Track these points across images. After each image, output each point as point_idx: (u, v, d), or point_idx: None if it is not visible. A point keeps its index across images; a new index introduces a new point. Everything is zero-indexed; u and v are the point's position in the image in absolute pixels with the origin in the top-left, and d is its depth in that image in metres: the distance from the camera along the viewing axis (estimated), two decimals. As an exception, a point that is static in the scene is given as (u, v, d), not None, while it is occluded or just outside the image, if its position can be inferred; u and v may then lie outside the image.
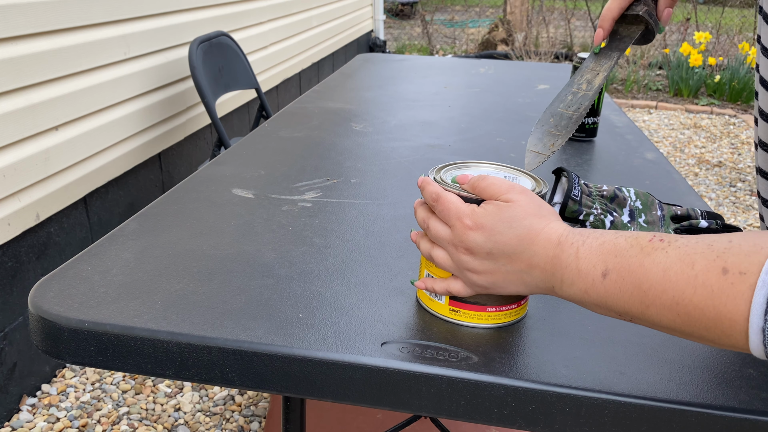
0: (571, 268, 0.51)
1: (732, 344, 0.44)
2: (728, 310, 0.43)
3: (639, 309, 0.48)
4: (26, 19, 1.57)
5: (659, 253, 0.47)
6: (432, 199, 0.58)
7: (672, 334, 0.48)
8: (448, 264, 0.59)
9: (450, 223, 0.57)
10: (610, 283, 0.49)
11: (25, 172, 1.59)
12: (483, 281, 0.57)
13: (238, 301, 0.65)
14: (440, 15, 10.58)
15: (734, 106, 5.03)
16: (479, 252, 0.55)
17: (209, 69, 2.20)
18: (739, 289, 0.42)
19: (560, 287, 0.52)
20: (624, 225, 0.77)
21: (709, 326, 0.44)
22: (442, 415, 0.58)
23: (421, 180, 0.61)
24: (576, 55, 1.44)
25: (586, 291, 0.51)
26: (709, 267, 0.44)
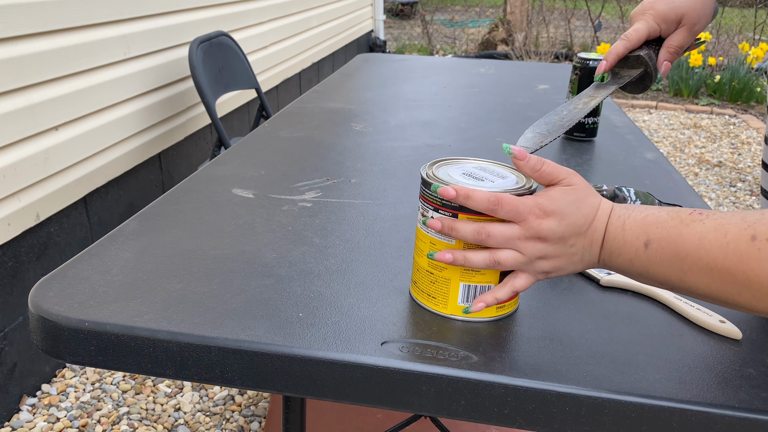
0: (618, 240, 0.56)
1: (763, 309, 0.48)
2: (756, 273, 0.47)
3: (678, 276, 0.52)
4: (26, 19, 1.57)
5: (697, 224, 0.51)
6: (492, 203, 0.57)
7: (712, 301, 0.52)
8: (519, 261, 0.59)
9: (521, 219, 0.58)
10: (651, 252, 0.53)
11: (25, 172, 1.59)
12: (550, 266, 0.59)
13: (238, 300, 0.65)
14: (440, 15, 10.58)
15: (734, 106, 5.03)
16: (552, 237, 0.57)
17: (209, 69, 2.20)
18: (765, 254, 0.47)
19: (610, 259, 0.57)
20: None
21: (741, 290, 0.49)
22: (442, 415, 0.58)
23: (456, 192, 0.58)
24: (576, 55, 1.44)
25: (631, 261, 0.55)
26: (740, 235, 0.48)
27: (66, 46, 1.72)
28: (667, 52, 0.85)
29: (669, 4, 0.84)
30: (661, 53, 0.85)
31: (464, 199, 0.58)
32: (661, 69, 0.85)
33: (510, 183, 0.63)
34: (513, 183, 0.63)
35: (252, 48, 3.00)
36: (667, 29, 0.85)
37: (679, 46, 0.85)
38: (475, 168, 0.66)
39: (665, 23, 0.84)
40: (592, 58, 1.27)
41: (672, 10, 0.83)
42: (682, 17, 0.83)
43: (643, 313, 0.67)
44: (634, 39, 0.85)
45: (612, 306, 0.68)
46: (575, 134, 1.32)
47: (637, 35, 0.84)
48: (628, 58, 0.86)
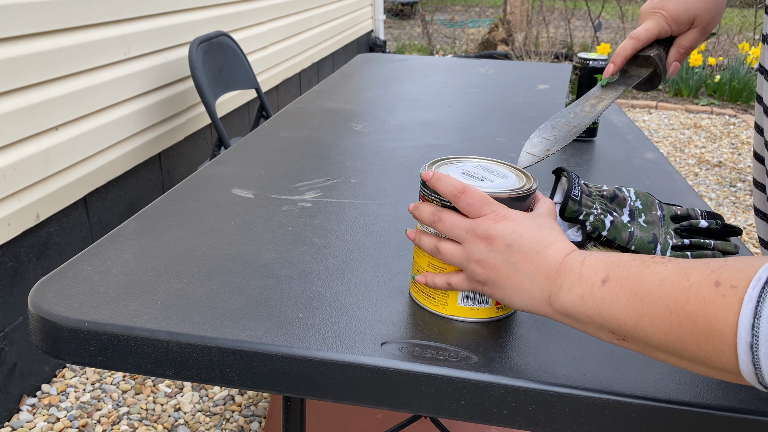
0: (574, 273, 0.52)
1: (723, 366, 0.44)
2: (718, 321, 0.43)
3: (633, 320, 0.48)
4: (26, 19, 1.57)
5: (658, 266, 0.48)
6: (458, 190, 0.58)
7: (664, 358, 0.48)
8: (457, 255, 0.59)
9: (478, 214, 0.58)
10: (607, 290, 0.49)
11: (25, 172, 1.59)
12: (485, 276, 0.57)
13: (238, 301, 0.65)
14: (440, 15, 10.58)
15: (734, 106, 5.03)
16: (499, 243, 0.56)
17: (209, 69, 2.20)
18: (729, 301, 0.42)
19: (558, 294, 0.53)
20: (624, 225, 0.77)
21: (700, 341, 0.44)
22: (442, 415, 0.58)
23: (432, 173, 0.60)
24: (576, 55, 1.44)
25: (582, 297, 0.51)
26: (703, 279, 0.45)
27: (66, 46, 1.72)
28: (677, 52, 0.83)
29: (682, 4, 0.81)
30: (671, 53, 0.83)
31: (435, 181, 0.60)
32: (669, 69, 0.83)
33: (510, 183, 0.63)
34: (513, 183, 0.63)
35: (252, 48, 3.00)
36: (678, 30, 0.82)
37: (690, 46, 0.82)
38: (475, 167, 0.66)
39: (677, 24, 0.82)
40: (592, 58, 1.27)
41: (686, 12, 0.81)
42: (695, 18, 0.81)
43: (643, 314, 0.67)
44: (644, 39, 0.82)
45: (612, 306, 0.68)
46: (575, 134, 1.32)
47: (648, 35, 0.82)
48: (638, 57, 0.84)
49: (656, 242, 0.76)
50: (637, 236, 0.76)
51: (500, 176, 0.64)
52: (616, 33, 7.70)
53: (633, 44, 0.82)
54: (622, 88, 0.83)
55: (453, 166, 0.66)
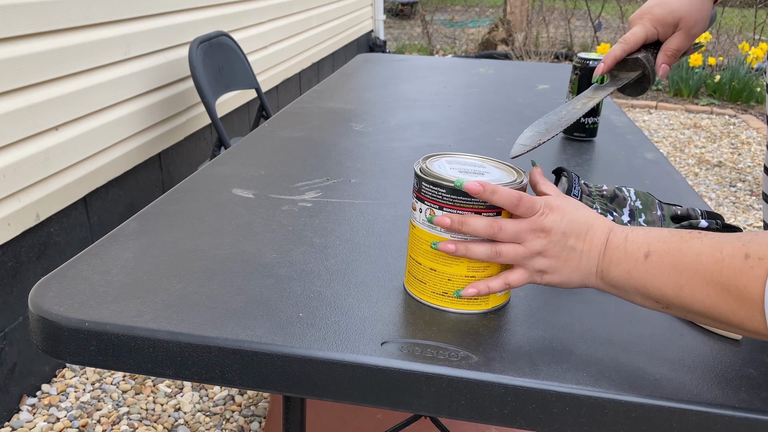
0: (620, 249, 0.57)
1: (755, 328, 0.49)
2: (748, 291, 0.48)
3: (674, 290, 0.53)
4: (26, 19, 1.57)
5: (695, 241, 0.53)
6: (516, 199, 0.60)
7: (706, 320, 0.53)
8: (520, 253, 0.61)
9: (534, 211, 0.61)
10: (650, 264, 0.55)
11: (25, 172, 1.59)
12: (546, 264, 0.61)
13: (238, 300, 0.65)
14: (440, 15, 10.58)
15: (734, 106, 5.03)
16: (555, 232, 0.60)
17: (209, 69, 2.20)
18: (758, 272, 0.48)
19: (607, 269, 0.58)
20: (624, 225, 0.77)
21: (734, 308, 0.50)
22: (442, 415, 0.58)
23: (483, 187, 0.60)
24: (576, 55, 1.44)
25: (629, 271, 0.56)
26: (734, 252, 0.50)
27: (66, 46, 1.72)
28: (665, 55, 0.86)
29: (666, 8, 0.85)
30: (659, 56, 0.86)
31: (490, 194, 0.60)
32: (659, 72, 0.86)
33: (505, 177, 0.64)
34: (507, 177, 0.64)
35: (252, 48, 3.00)
36: (664, 33, 0.86)
37: (676, 49, 0.86)
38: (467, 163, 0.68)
39: (662, 27, 0.86)
40: (592, 58, 1.27)
41: (669, 14, 0.85)
42: (679, 21, 0.85)
43: (643, 313, 0.67)
44: (632, 42, 0.86)
45: (612, 306, 0.68)
46: (575, 134, 1.32)
47: (635, 38, 0.86)
48: (627, 60, 0.88)
49: (656, 242, 0.76)
50: (637, 236, 0.76)
51: (493, 171, 0.66)
52: (616, 33, 7.71)
53: (622, 47, 0.86)
54: (611, 89, 0.87)
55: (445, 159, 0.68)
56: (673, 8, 0.85)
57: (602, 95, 0.85)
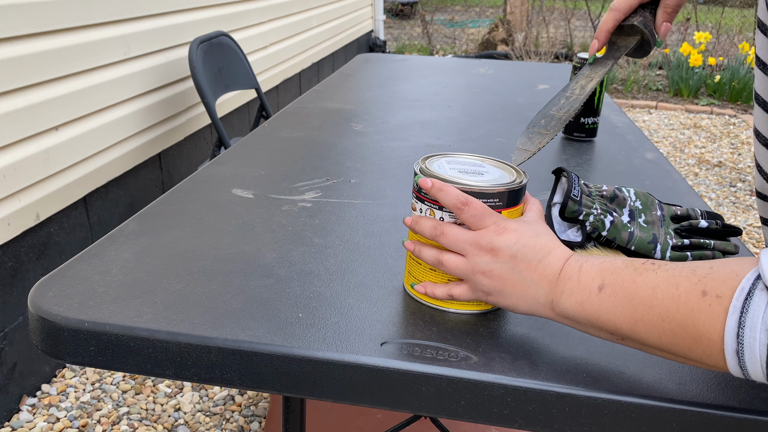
0: (573, 280, 0.55)
1: (714, 365, 0.47)
2: (706, 329, 0.46)
3: (629, 325, 0.51)
4: (26, 19, 1.57)
5: (649, 273, 0.51)
6: (461, 202, 0.59)
7: (661, 355, 0.51)
8: (461, 267, 0.60)
9: (481, 226, 0.59)
10: (604, 297, 0.52)
11: (25, 172, 1.59)
12: (490, 286, 0.59)
13: (238, 301, 0.65)
14: (440, 15, 10.58)
15: (734, 106, 5.03)
16: (504, 253, 0.57)
17: (209, 69, 2.20)
18: (716, 311, 0.46)
19: (559, 300, 0.55)
20: (624, 225, 0.77)
21: (691, 345, 0.48)
22: (442, 415, 0.58)
23: (431, 183, 0.60)
24: (576, 55, 1.44)
25: (581, 303, 0.54)
26: (690, 289, 0.48)
27: (66, 46, 1.72)
28: (665, 12, 0.79)
29: None
30: (659, 15, 0.79)
31: (437, 191, 0.60)
32: (660, 31, 0.79)
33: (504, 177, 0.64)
34: (506, 177, 0.64)
35: (252, 48, 3.00)
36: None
37: (676, 4, 0.78)
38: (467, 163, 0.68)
39: None
40: (592, 58, 1.27)
41: None
42: None
43: (643, 314, 0.67)
44: (624, 8, 0.79)
45: (612, 306, 0.68)
46: (575, 134, 1.32)
47: (628, 3, 0.78)
48: (623, 27, 0.80)
49: (656, 242, 0.76)
50: (636, 236, 0.76)
51: (492, 171, 0.66)
52: (616, 33, 7.69)
53: (614, 15, 0.79)
54: (611, 62, 0.80)
55: (445, 159, 0.68)
56: None
57: (602, 72, 0.79)
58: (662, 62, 5.86)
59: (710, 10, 9.53)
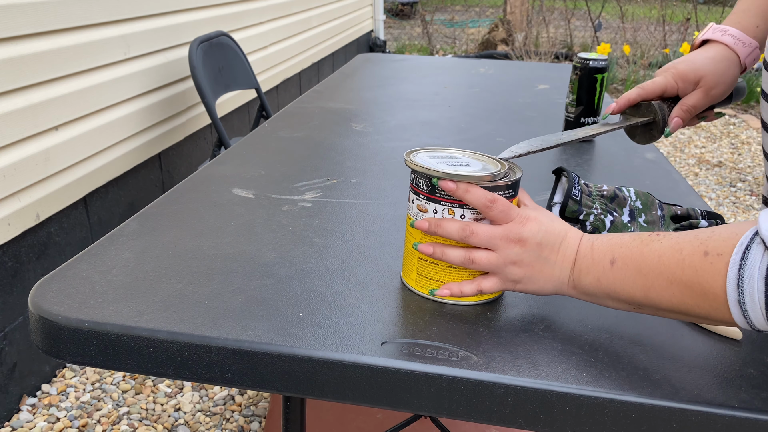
0: (588, 257, 0.59)
1: (722, 318, 0.52)
2: (711, 285, 0.51)
3: (642, 293, 0.55)
4: (26, 19, 1.57)
5: (655, 243, 0.55)
6: (488, 200, 0.61)
7: (675, 317, 0.56)
8: (493, 262, 0.62)
9: (509, 219, 0.62)
10: (617, 270, 0.57)
11: (25, 172, 1.59)
12: (520, 274, 0.62)
13: (238, 300, 0.65)
14: (440, 15, 10.58)
15: (734, 106, 5.03)
16: (531, 242, 0.61)
17: (209, 69, 2.20)
18: (717, 267, 0.50)
19: (578, 278, 0.60)
20: (624, 225, 0.77)
21: (699, 303, 0.52)
22: (442, 415, 0.58)
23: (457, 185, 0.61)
24: (576, 55, 1.44)
25: (598, 279, 0.58)
26: (694, 251, 0.52)
27: (66, 46, 1.72)
28: (681, 109, 0.86)
29: (690, 65, 0.86)
30: (675, 109, 0.87)
31: (463, 192, 0.62)
32: (671, 123, 0.87)
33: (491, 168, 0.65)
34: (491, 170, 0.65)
35: (252, 48, 3.00)
36: (684, 88, 0.87)
37: (692, 105, 0.86)
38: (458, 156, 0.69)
39: (683, 82, 0.86)
40: (592, 58, 1.27)
41: (692, 71, 0.86)
42: (701, 79, 0.85)
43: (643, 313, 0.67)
44: (649, 89, 0.87)
45: (612, 306, 0.68)
46: (575, 134, 1.32)
47: (653, 86, 0.87)
48: (640, 105, 0.89)
49: (656, 242, 0.76)
50: (637, 236, 0.76)
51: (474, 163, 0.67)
52: (616, 33, 7.70)
53: (639, 92, 0.88)
54: (618, 125, 0.88)
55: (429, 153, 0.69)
56: (696, 66, 0.86)
57: (606, 128, 0.86)
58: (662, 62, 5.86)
59: (710, 10, 9.53)
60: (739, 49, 0.85)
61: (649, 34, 6.93)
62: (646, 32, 7.08)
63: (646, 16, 9.00)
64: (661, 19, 6.99)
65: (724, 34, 0.85)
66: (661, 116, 0.87)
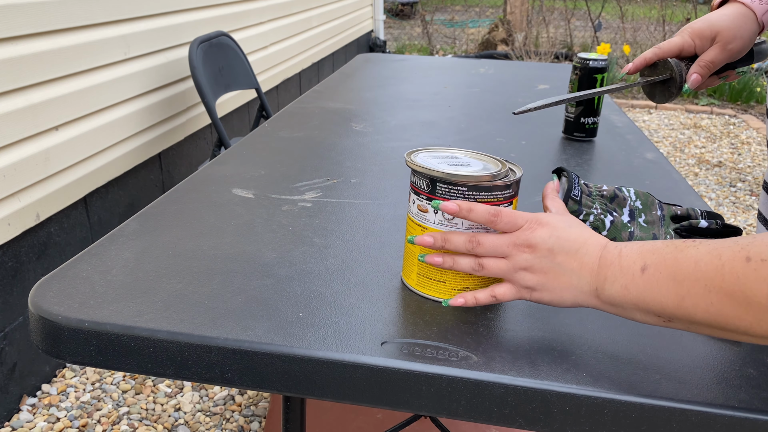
0: (615, 265, 0.55)
1: (764, 332, 0.47)
2: (754, 293, 0.46)
3: (675, 301, 0.51)
4: (26, 19, 1.57)
5: (690, 249, 0.51)
6: (492, 215, 0.60)
7: (709, 332, 0.51)
8: (502, 268, 0.61)
9: (516, 227, 0.60)
10: (648, 277, 0.53)
11: (25, 172, 1.59)
12: (533, 281, 0.59)
13: (238, 300, 0.65)
14: (440, 15, 10.58)
15: (734, 106, 5.03)
16: (541, 248, 0.58)
17: (209, 69, 2.20)
18: (762, 273, 0.46)
19: (603, 287, 0.56)
20: (624, 225, 0.77)
21: (740, 314, 0.48)
22: (442, 415, 0.58)
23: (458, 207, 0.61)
24: (576, 55, 1.44)
25: (626, 286, 0.54)
26: (734, 256, 0.48)
27: (66, 46, 1.72)
28: (698, 65, 0.86)
29: (706, 22, 0.86)
30: (693, 66, 0.87)
31: (467, 212, 0.61)
32: (689, 80, 0.86)
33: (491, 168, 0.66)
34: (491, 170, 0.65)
35: (252, 48, 3.00)
36: (701, 46, 0.87)
37: (710, 61, 0.86)
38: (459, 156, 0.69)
39: (700, 39, 0.86)
40: (592, 58, 1.27)
41: (708, 27, 0.86)
42: (717, 34, 0.85)
43: (643, 313, 0.67)
44: (665, 48, 0.87)
45: (612, 306, 0.68)
46: (575, 134, 1.32)
47: (669, 45, 0.87)
48: (657, 64, 0.89)
49: (656, 242, 0.76)
50: (637, 236, 0.76)
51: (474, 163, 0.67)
52: (616, 33, 7.70)
53: (655, 51, 0.88)
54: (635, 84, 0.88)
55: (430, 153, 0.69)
56: (712, 22, 0.86)
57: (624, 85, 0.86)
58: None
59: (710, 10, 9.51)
60: (755, 6, 0.85)
61: (649, 34, 6.93)
62: (646, 32, 7.08)
63: (646, 16, 8.99)
64: (661, 19, 6.99)
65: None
66: (678, 72, 0.86)
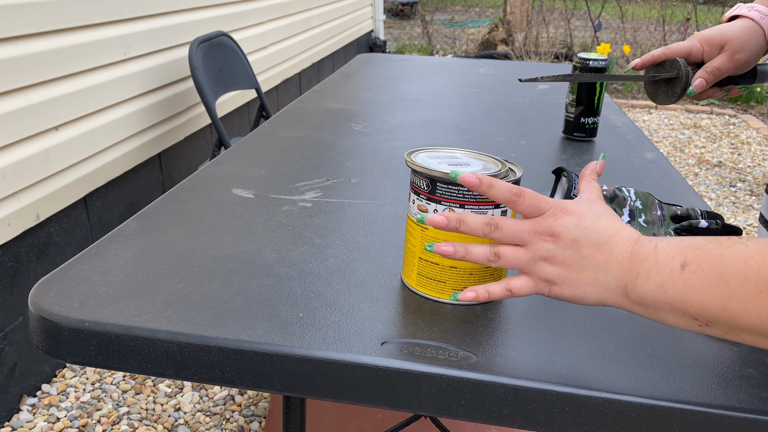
0: (649, 260, 0.50)
1: None
2: None
3: (720, 303, 0.46)
4: (26, 19, 1.57)
5: (738, 246, 0.46)
6: (514, 194, 0.56)
7: (752, 340, 0.46)
8: (521, 257, 0.56)
9: (540, 212, 0.55)
10: (688, 275, 0.47)
11: (25, 172, 1.59)
12: (554, 273, 0.54)
13: (238, 300, 0.65)
14: (440, 15, 10.58)
15: (734, 106, 5.03)
16: (565, 238, 0.53)
17: (209, 69, 2.20)
18: None
19: (634, 284, 0.50)
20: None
21: None
22: (442, 415, 0.58)
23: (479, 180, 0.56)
24: (576, 55, 1.44)
25: (662, 284, 0.49)
26: None
27: (66, 46, 1.72)
28: (704, 70, 0.87)
29: (716, 30, 0.88)
30: (699, 71, 0.88)
31: (487, 187, 0.56)
32: (694, 83, 0.87)
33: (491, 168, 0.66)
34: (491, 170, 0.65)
35: (252, 48, 3.00)
36: (710, 52, 0.88)
37: (717, 67, 0.87)
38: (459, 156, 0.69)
39: (709, 46, 0.88)
40: (592, 58, 1.27)
41: (717, 35, 0.87)
42: (726, 43, 0.87)
43: (643, 313, 0.67)
44: (674, 48, 0.89)
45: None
46: (575, 134, 1.32)
47: (678, 46, 0.89)
48: (664, 63, 0.90)
49: (656, 242, 0.76)
50: (637, 236, 0.76)
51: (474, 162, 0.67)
52: (616, 33, 7.70)
53: (663, 50, 0.89)
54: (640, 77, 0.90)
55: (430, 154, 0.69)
56: (722, 31, 0.87)
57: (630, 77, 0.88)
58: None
59: (710, 10, 9.53)
60: (765, 23, 0.86)
61: (649, 34, 6.93)
62: (646, 32, 7.08)
63: (646, 16, 8.99)
64: (661, 19, 6.99)
65: (751, 9, 0.88)
66: (685, 72, 0.87)
